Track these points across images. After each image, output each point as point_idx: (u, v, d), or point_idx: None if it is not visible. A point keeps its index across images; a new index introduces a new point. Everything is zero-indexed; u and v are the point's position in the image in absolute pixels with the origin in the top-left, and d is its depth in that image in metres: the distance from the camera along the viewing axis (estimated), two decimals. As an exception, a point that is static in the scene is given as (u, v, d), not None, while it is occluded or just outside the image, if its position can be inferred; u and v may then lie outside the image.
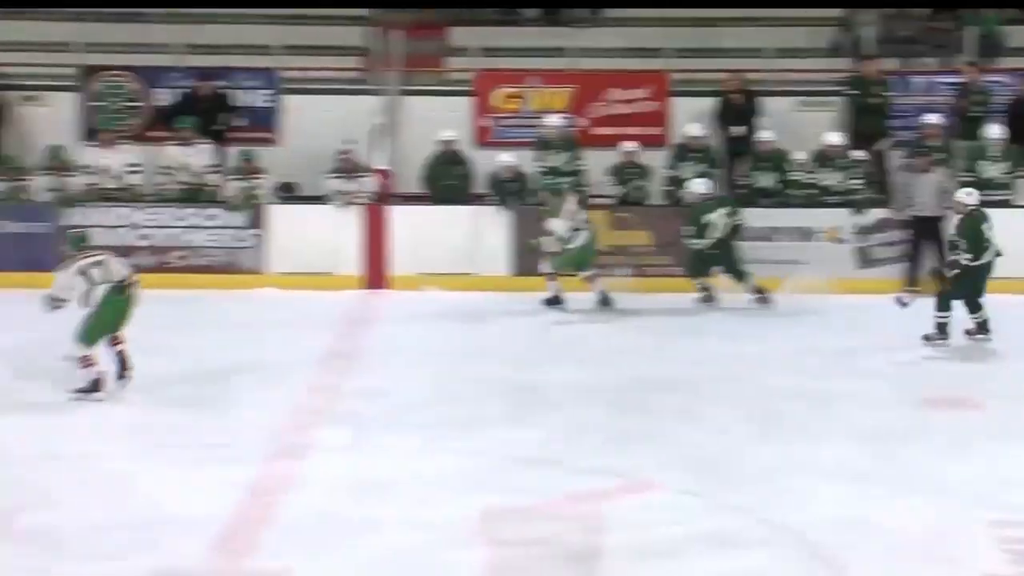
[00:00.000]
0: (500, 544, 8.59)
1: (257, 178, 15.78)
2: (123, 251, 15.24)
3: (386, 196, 15.88)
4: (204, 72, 16.58)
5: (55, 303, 11.68)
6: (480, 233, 15.55)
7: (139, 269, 15.07)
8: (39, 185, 15.59)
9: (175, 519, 8.85)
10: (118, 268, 11.79)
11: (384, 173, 16.05)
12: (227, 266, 15.60)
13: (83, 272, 11.63)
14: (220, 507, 9.07)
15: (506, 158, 15.90)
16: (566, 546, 8.48)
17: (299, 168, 16.23)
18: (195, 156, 15.98)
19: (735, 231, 15.08)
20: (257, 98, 16.74)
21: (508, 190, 15.75)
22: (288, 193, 16.24)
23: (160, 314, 14.12)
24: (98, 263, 11.76)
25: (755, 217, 15.62)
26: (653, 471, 9.72)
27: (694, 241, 15.01)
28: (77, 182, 15.62)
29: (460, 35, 17.61)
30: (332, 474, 9.77)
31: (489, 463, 9.99)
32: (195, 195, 15.80)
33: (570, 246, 14.82)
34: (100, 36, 16.80)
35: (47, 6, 17.05)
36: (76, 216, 15.38)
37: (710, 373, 12.44)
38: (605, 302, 14.93)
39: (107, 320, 11.59)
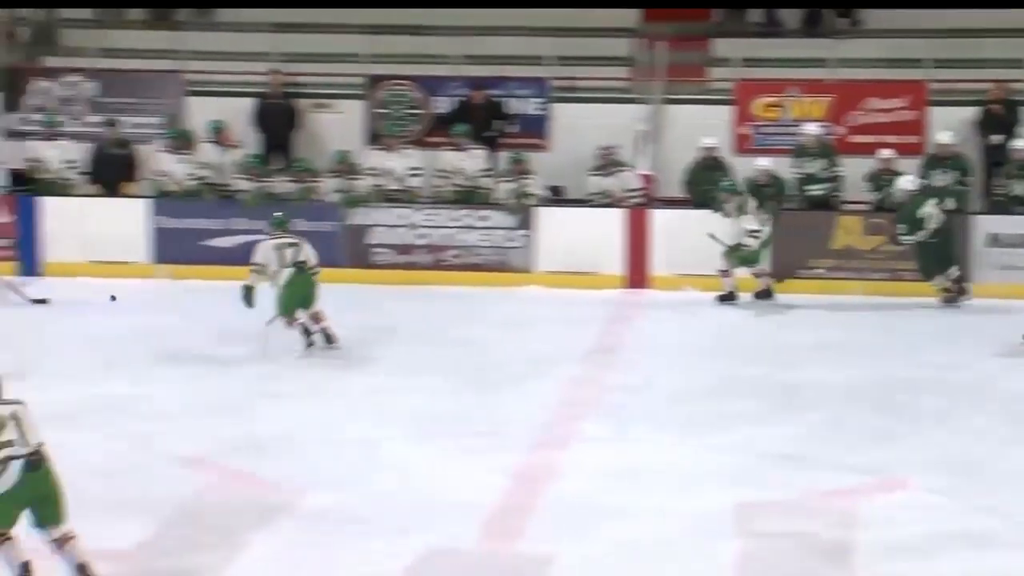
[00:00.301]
0: (754, 536, 8.51)
1: (527, 178, 15.89)
2: (402, 249, 15.66)
3: (648, 199, 15.86)
4: (479, 81, 16.77)
5: (257, 269, 12.73)
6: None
7: (416, 266, 15.56)
8: (327, 186, 15.95)
9: (448, 502, 9.00)
10: (307, 253, 12.77)
11: (647, 178, 16.03)
12: (498, 264, 15.75)
13: (279, 249, 12.73)
14: (489, 492, 9.19)
15: (763, 163, 15.73)
16: (819, 541, 8.36)
17: (566, 173, 16.29)
18: (469, 161, 16.18)
19: (950, 220, 14.76)
20: (529, 106, 16.85)
21: (765, 195, 15.57)
22: (556, 196, 16.33)
23: (435, 309, 14.46)
24: (293, 244, 12.82)
25: (1012, 224, 15.21)
26: (907, 470, 9.53)
27: (908, 237, 14.74)
28: (363, 184, 15.95)
29: (722, 46, 17.48)
30: (594, 464, 9.81)
31: (745, 458, 9.91)
32: (469, 197, 15.99)
33: (750, 244, 14.78)
34: (385, 48, 17.11)
35: (335, 6, 17.52)
36: (360, 216, 15.71)
37: (961, 376, 12.09)
38: (766, 295, 14.93)
39: (294, 295, 12.57)
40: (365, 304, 14.56)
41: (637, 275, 15.52)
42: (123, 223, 15.79)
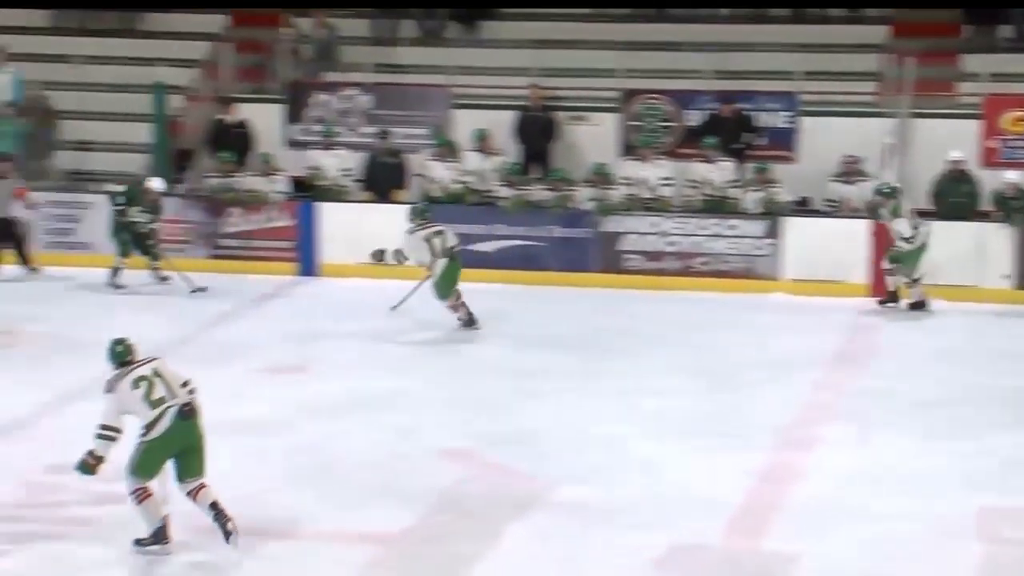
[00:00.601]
0: (997, 542, 8.30)
1: (774, 187, 15.69)
2: (653, 256, 15.63)
3: (892, 211, 15.49)
4: (728, 95, 16.63)
5: (399, 257, 13.60)
6: (985, 248, 14.95)
7: (666, 272, 15.52)
8: (582, 195, 16.01)
9: (692, 500, 8.99)
10: (451, 239, 13.54)
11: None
12: (745, 272, 15.58)
13: (428, 240, 13.44)
14: (733, 491, 9.15)
15: (1011, 176, 15.23)
16: (1062, 550, 8.10)
17: (813, 184, 16.00)
18: (718, 172, 16.05)
19: None
20: (777, 119, 16.61)
21: (1012, 207, 15.08)
22: (803, 207, 16.08)
23: (683, 314, 14.40)
24: (438, 233, 13.54)
25: None
26: None
27: None
28: (616, 193, 15.96)
29: (971, 61, 16.97)
30: (836, 466, 9.70)
31: (988, 464, 9.67)
32: (717, 207, 15.86)
33: (902, 248, 14.36)
34: (639, 63, 17.08)
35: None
36: (613, 223, 15.73)
37: None
38: (920, 306, 14.48)
39: (449, 281, 13.36)
40: (616, 308, 14.59)
41: (882, 284, 15.17)
42: (393, 227, 16.06)
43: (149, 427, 7.97)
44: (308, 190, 16.60)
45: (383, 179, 16.77)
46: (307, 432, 10.37)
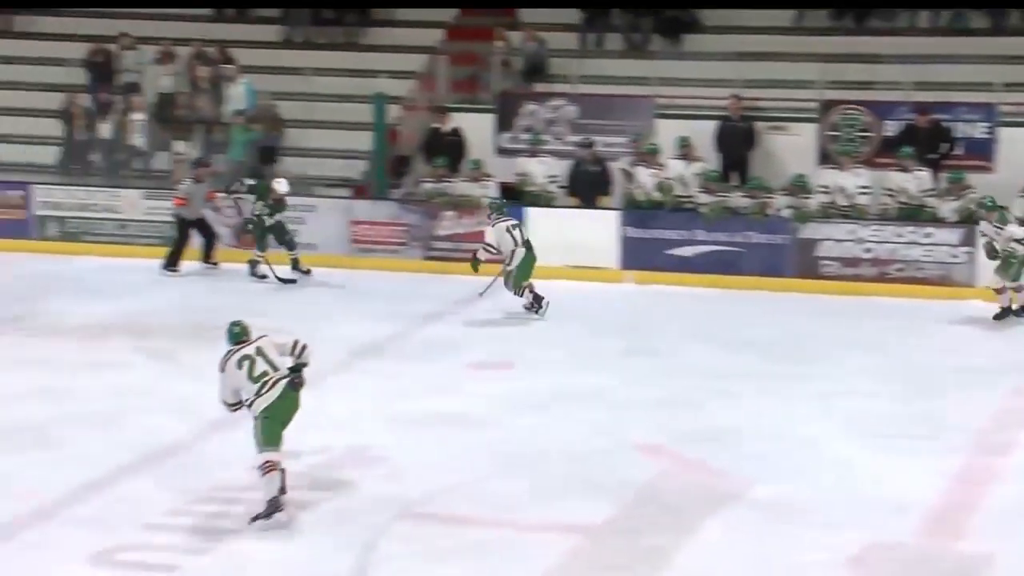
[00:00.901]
0: None
1: (971, 194, 15.24)
2: (849, 262, 15.32)
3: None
4: (925, 106, 16.22)
5: (488, 249, 13.90)
6: None
7: (862, 278, 15.18)
8: (780, 203, 15.78)
9: (887, 500, 8.81)
10: (526, 232, 14.02)
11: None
12: (940, 279, 15.17)
13: (508, 230, 13.90)
14: (928, 492, 8.95)
15: None
16: None
17: (1010, 194, 15.47)
18: (913, 181, 15.66)
19: None
20: (975, 130, 16.16)
21: None
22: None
23: (879, 319, 14.09)
24: (516, 225, 14.05)
25: None
26: None
27: None
28: (813, 201, 15.69)
29: None
30: (1034, 471, 9.39)
31: None
32: (914, 215, 15.49)
33: (1015, 249, 13.76)
34: (838, 75, 16.80)
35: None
36: (811, 230, 15.46)
37: None
38: (1015, 313, 13.94)
39: (525, 270, 13.84)
40: (812, 312, 14.34)
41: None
42: (596, 232, 16.08)
43: (257, 399, 8.30)
44: (516, 195, 16.68)
45: (587, 186, 16.75)
46: (512, 426, 10.42)
